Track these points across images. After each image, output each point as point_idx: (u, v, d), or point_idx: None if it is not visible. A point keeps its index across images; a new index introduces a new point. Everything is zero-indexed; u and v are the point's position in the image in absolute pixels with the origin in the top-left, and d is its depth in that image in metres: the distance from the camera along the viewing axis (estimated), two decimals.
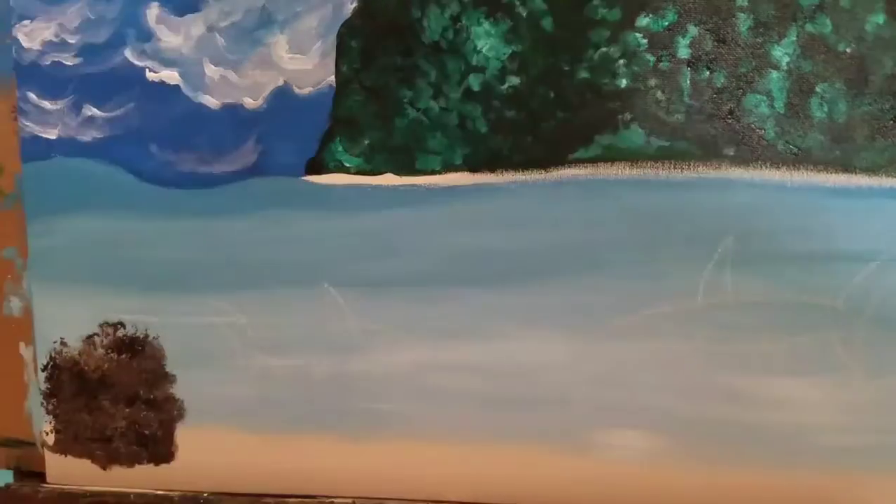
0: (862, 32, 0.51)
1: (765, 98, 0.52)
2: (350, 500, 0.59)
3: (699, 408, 0.55)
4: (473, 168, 0.55)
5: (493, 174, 0.55)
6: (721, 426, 0.55)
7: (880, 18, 0.51)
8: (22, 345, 0.61)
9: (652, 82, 0.53)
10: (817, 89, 0.52)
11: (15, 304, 0.61)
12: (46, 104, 0.57)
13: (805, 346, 0.54)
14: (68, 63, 0.57)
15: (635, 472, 0.56)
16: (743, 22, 0.52)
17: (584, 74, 0.53)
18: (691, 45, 0.52)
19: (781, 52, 0.52)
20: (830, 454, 0.55)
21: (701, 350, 0.55)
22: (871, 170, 0.52)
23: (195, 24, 0.56)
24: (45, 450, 0.61)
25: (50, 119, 0.57)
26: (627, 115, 0.53)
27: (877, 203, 0.52)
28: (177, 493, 0.60)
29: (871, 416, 0.54)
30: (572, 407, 0.56)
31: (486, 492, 0.58)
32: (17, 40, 0.57)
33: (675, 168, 0.53)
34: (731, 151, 0.53)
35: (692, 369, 0.55)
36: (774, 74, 0.52)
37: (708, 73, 0.52)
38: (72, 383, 0.60)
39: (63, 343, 0.60)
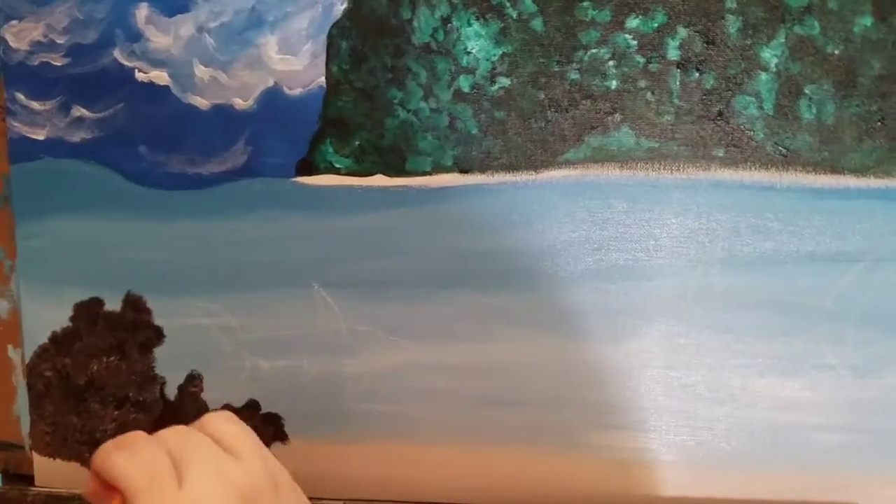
0: (850, 34, 0.51)
1: (754, 99, 0.52)
2: (341, 502, 0.59)
3: (688, 408, 0.56)
4: (464, 169, 0.55)
5: (483, 175, 0.55)
6: (710, 426, 0.56)
7: (868, 20, 0.51)
8: (10, 347, 0.61)
9: (642, 84, 0.53)
10: (806, 91, 0.52)
11: (3, 306, 0.60)
12: (35, 105, 0.57)
13: (794, 346, 0.54)
14: (57, 63, 0.57)
15: (625, 473, 0.56)
16: (732, 23, 0.52)
17: (574, 76, 0.53)
18: (681, 47, 0.52)
19: (770, 54, 0.52)
20: (818, 453, 0.55)
21: (690, 350, 0.55)
22: (859, 171, 0.52)
23: (185, 25, 0.56)
24: (34, 453, 0.61)
25: (38, 120, 0.57)
26: (617, 117, 0.53)
27: (865, 204, 0.53)
28: None
29: (858, 416, 0.55)
30: (563, 408, 0.56)
31: (478, 493, 0.58)
32: (4, 40, 0.56)
33: (664, 169, 0.53)
34: (720, 153, 0.53)
35: (681, 369, 0.55)
36: (763, 76, 0.52)
37: (697, 74, 0.53)
38: (60, 385, 0.60)
39: (51, 344, 0.59)
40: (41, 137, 0.57)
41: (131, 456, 0.35)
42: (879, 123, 0.52)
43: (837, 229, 0.53)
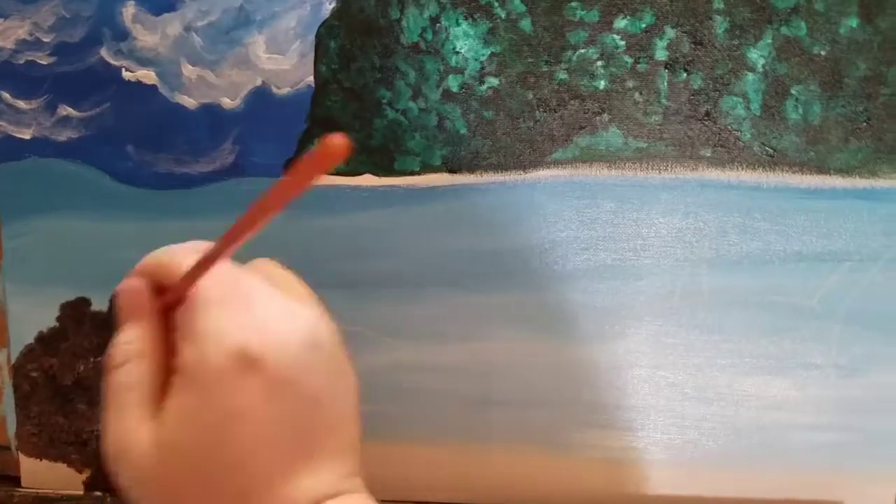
0: (836, 35, 0.52)
1: (741, 100, 0.53)
2: None
3: (675, 407, 0.56)
4: (452, 169, 0.55)
5: (472, 175, 0.55)
6: (697, 424, 0.56)
7: (854, 22, 0.51)
8: None
9: (630, 84, 0.53)
10: (792, 91, 0.52)
11: None
12: (20, 104, 0.57)
13: (780, 346, 0.55)
14: (43, 62, 0.56)
15: (613, 471, 0.57)
16: (719, 24, 0.52)
17: (562, 76, 0.53)
18: (668, 47, 0.53)
19: (757, 55, 0.52)
20: (805, 451, 0.55)
21: (677, 349, 0.55)
22: (845, 171, 0.53)
23: (172, 24, 0.55)
24: (20, 454, 0.60)
25: (24, 119, 0.57)
26: (605, 117, 0.54)
27: (851, 204, 0.53)
28: None
29: (844, 414, 0.55)
30: (554, 407, 0.56)
31: (467, 492, 0.58)
32: None
33: (652, 169, 0.54)
34: (707, 153, 0.53)
35: (669, 368, 0.55)
36: (750, 76, 0.52)
37: (685, 74, 0.53)
38: (47, 386, 0.59)
39: (38, 345, 0.59)
40: (27, 137, 0.57)
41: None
42: (865, 124, 0.52)
43: (824, 229, 0.53)
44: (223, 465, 0.31)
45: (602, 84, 0.53)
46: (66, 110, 0.56)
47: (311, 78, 0.55)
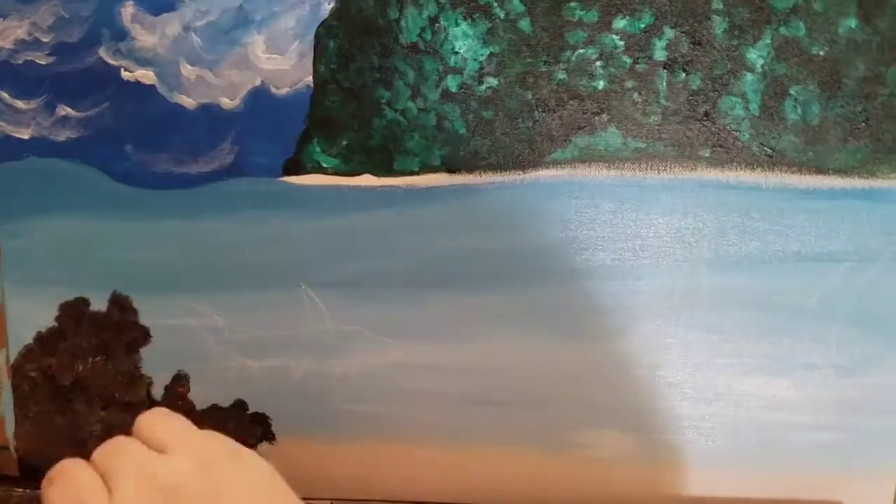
0: (835, 36, 0.52)
1: (740, 100, 0.53)
2: (328, 502, 0.59)
3: (676, 407, 0.56)
4: (451, 169, 0.55)
5: (471, 175, 0.55)
6: (696, 424, 0.56)
7: (852, 22, 0.51)
8: None
9: (629, 84, 0.53)
10: (791, 91, 0.52)
11: None
12: (19, 104, 0.57)
13: (779, 345, 0.55)
14: (41, 62, 0.56)
15: (614, 472, 0.57)
16: (718, 24, 0.52)
17: (561, 76, 0.53)
18: (667, 48, 0.53)
19: (756, 55, 0.52)
20: (804, 452, 0.55)
21: (677, 350, 0.55)
22: (844, 171, 0.53)
23: (171, 24, 0.55)
24: (19, 453, 0.60)
25: (22, 119, 0.57)
26: (604, 117, 0.54)
27: (849, 204, 0.53)
28: None
29: (843, 414, 0.55)
30: (552, 407, 0.56)
31: (465, 493, 0.58)
32: None
33: (651, 169, 0.54)
34: (706, 153, 0.53)
35: (669, 369, 0.55)
36: (749, 77, 0.52)
37: (684, 75, 0.53)
38: (45, 386, 0.59)
39: (36, 345, 0.59)
40: (26, 136, 0.57)
41: (62, 487, 0.37)
42: (864, 124, 0.52)
43: (822, 229, 0.53)
44: None
45: (601, 84, 0.53)
46: (64, 110, 0.56)
47: (310, 78, 0.55)
